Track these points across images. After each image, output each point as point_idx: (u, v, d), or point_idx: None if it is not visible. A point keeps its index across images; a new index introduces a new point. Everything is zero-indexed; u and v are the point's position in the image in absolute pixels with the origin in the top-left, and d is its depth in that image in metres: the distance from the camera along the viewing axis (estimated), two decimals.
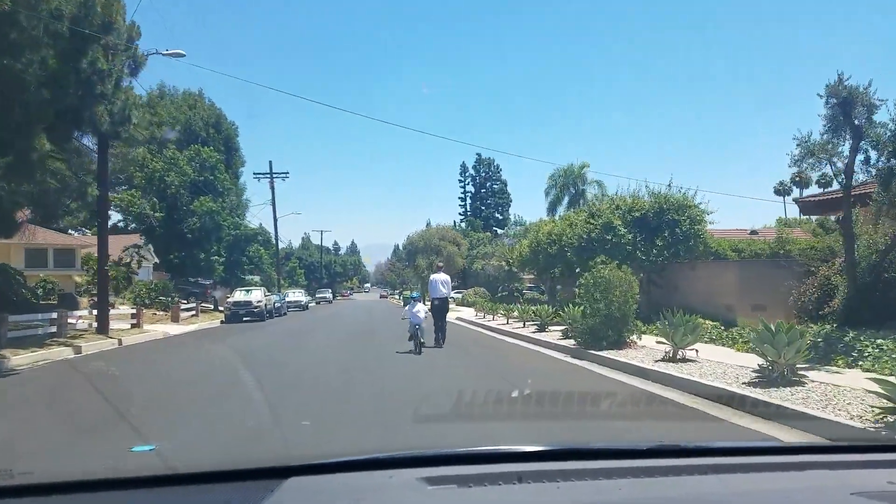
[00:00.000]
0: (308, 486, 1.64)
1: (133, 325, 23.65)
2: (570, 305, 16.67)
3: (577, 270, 22.86)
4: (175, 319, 28.25)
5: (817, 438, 5.64)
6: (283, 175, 53.59)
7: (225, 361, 14.12)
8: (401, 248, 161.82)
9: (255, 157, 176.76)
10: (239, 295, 32.42)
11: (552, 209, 48.46)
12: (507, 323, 24.18)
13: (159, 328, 24.68)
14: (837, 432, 5.79)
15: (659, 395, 8.50)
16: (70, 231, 48.23)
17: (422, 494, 1.57)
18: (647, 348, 12.95)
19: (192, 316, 31.33)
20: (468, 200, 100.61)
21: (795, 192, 71.53)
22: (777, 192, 77.29)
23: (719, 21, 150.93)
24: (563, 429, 6.35)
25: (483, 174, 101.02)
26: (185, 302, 39.64)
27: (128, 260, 35.84)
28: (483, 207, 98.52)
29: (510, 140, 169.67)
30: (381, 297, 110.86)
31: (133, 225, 38.10)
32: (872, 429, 5.85)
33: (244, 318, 30.93)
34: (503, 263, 40.05)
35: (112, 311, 25.58)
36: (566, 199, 48.47)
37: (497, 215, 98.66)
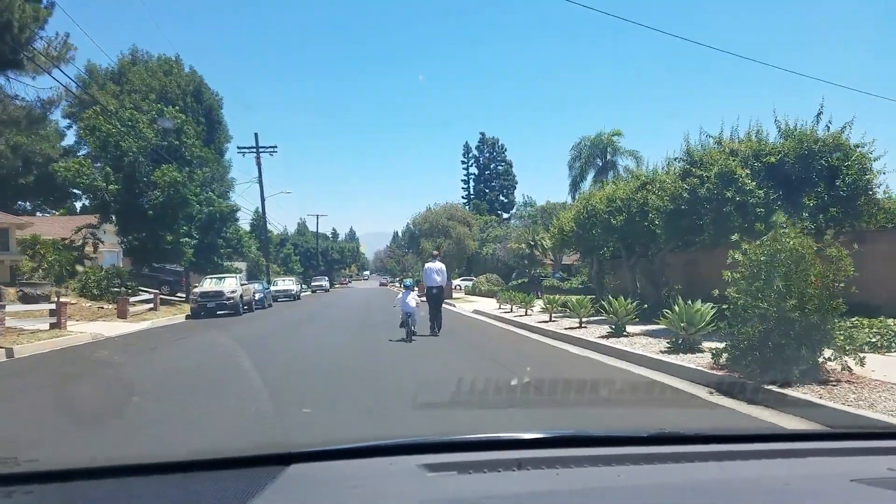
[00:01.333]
0: (309, 473, 1.63)
1: (53, 325, 17.36)
2: (678, 300, 10.38)
3: (664, 246, 16.56)
4: (122, 315, 21.96)
5: (816, 425, 5.49)
6: (271, 149, 47.21)
7: (113, 399, 7.85)
8: (401, 234, 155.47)
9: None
10: (208, 284, 26.15)
11: (575, 185, 42.22)
12: (551, 320, 17.90)
13: (93, 328, 18.45)
14: None
15: None
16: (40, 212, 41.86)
17: (422, 481, 1.55)
18: (874, 382, 6.92)
19: (150, 310, 25.03)
20: (471, 183, 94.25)
21: None
22: None
23: None
24: None
25: (487, 154, 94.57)
26: (154, 292, 33.37)
27: (80, 242, 29.53)
28: (487, 190, 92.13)
29: (517, 122, 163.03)
30: (381, 284, 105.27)
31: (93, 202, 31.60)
32: None
33: (218, 312, 24.73)
34: (522, 246, 33.77)
35: (38, 307, 19.45)
36: (591, 174, 42.12)
37: (502, 198, 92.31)
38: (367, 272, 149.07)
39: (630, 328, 13.19)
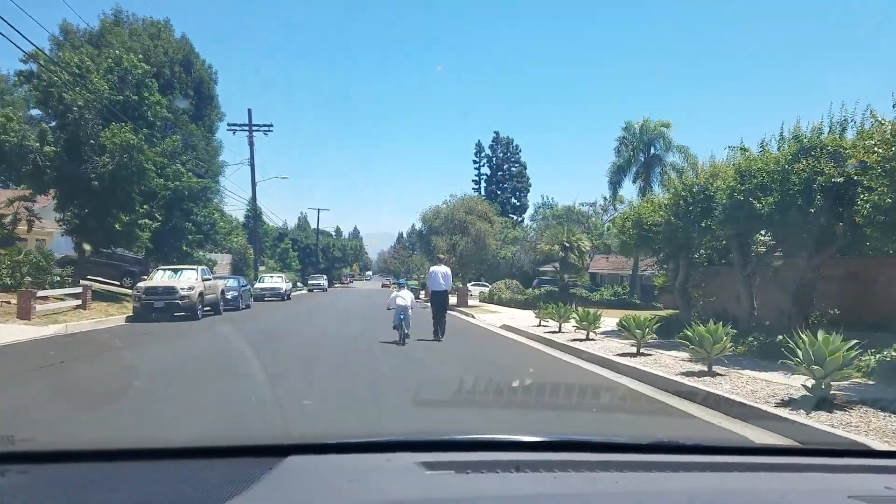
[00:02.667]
0: (306, 465, 1.61)
1: None
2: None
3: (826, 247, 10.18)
4: (24, 315, 15.60)
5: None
6: (265, 128, 40.94)
7: None
8: (405, 235, 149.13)
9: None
10: (159, 277, 19.81)
11: (616, 183, 35.77)
12: (639, 352, 11.47)
13: None
14: None
15: None
16: None
17: (419, 478, 1.53)
18: None
19: (77, 307, 18.63)
20: (482, 183, 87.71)
21: None
22: None
23: None
24: None
25: (500, 154, 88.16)
26: (110, 283, 27.02)
27: (9, 219, 23.17)
28: (499, 192, 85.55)
29: (532, 124, 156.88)
30: (384, 286, 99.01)
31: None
32: None
33: (174, 314, 18.46)
34: (555, 248, 27.33)
35: None
36: (633, 170, 35.65)
37: (514, 201, 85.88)
38: (369, 272, 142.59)
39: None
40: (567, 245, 27.58)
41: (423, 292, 20.84)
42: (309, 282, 63.43)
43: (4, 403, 6.78)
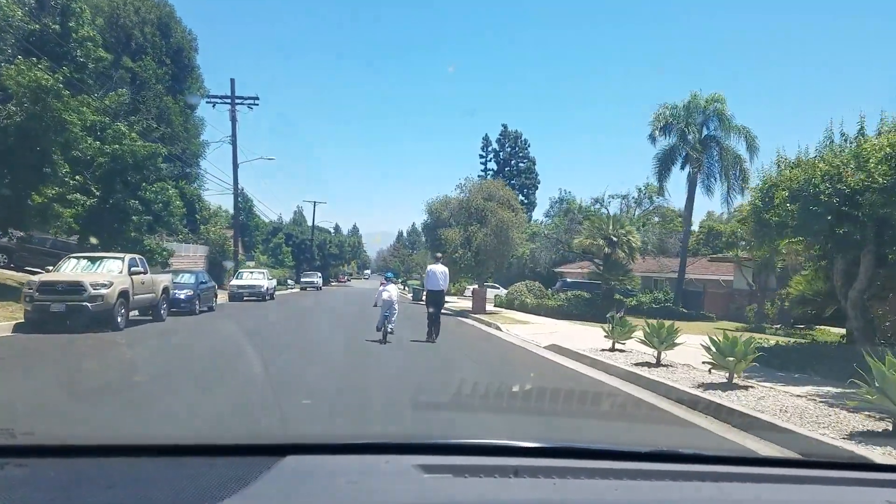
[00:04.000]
0: (305, 465, 1.58)
1: None
2: None
3: None
4: None
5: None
6: (250, 101, 34.83)
7: None
8: (405, 233, 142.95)
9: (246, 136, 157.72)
10: (68, 268, 13.78)
11: (663, 171, 29.75)
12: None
13: None
14: None
15: None
16: None
17: (416, 481, 1.50)
18: None
19: None
20: (489, 179, 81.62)
21: None
22: None
23: None
24: None
25: (508, 149, 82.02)
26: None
27: None
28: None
29: (541, 120, 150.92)
30: (382, 284, 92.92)
31: None
32: None
33: (83, 321, 12.46)
34: (600, 242, 21.31)
35: None
36: (681, 156, 29.60)
37: (522, 198, 79.56)
38: (368, 270, 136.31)
39: None
40: (614, 239, 21.55)
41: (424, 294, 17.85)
42: (301, 279, 57.28)
43: None
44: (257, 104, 34.65)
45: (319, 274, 60.26)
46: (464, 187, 26.25)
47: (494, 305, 30.02)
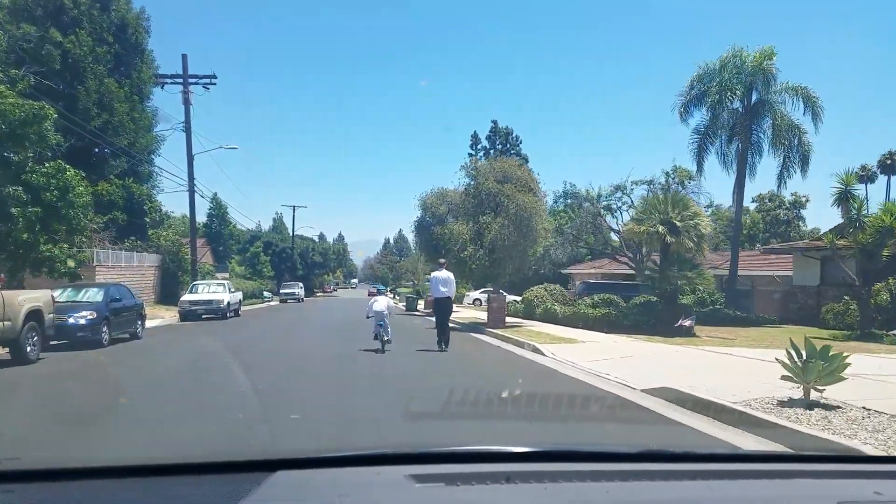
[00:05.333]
0: (295, 480, 1.51)
1: None
2: None
3: None
4: None
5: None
6: (206, 80, 28.85)
7: None
8: (392, 240, 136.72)
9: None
10: None
11: (702, 149, 24.37)
12: None
13: None
14: None
15: None
16: None
17: (409, 492, 1.45)
18: None
19: None
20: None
21: None
22: None
23: None
24: None
25: (499, 146, 76.18)
26: None
27: None
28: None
29: (532, 117, 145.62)
30: (370, 294, 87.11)
31: None
32: None
33: None
34: (659, 229, 15.73)
35: None
36: (726, 128, 24.10)
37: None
38: (355, 280, 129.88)
39: None
40: (677, 224, 15.89)
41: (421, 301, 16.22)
42: (281, 290, 51.11)
43: None
44: (214, 83, 28.75)
45: (301, 284, 54.05)
46: (470, 170, 20.46)
47: (521, 316, 24.41)
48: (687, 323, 16.26)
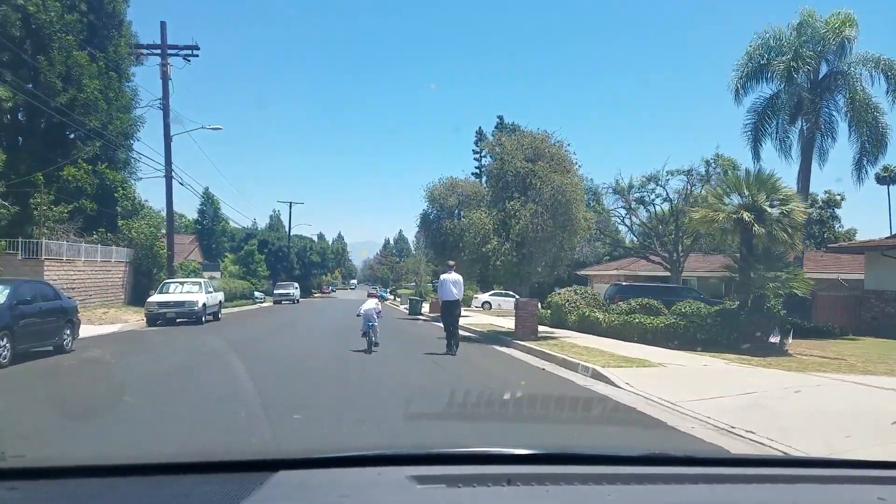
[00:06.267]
0: (297, 480, 1.50)
1: None
2: None
3: None
4: None
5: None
6: (187, 51, 25.05)
7: None
8: (392, 240, 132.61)
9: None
10: None
11: (759, 131, 20.78)
12: None
13: None
14: None
15: None
16: None
17: (410, 493, 1.44)
18: None
19: None
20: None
21: None
22: None
23: None
24: None
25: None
26: None
27: None
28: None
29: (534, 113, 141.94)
30: (370, 295, 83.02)
31: None
32: None
33: None
34: (745, 216, 11.89)
35: None
36: (787, 108, 20.42)
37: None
38: (354, 280, 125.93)
39: None
40: (769, 210, 12.16)
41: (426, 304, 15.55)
42: (275, 291, 47.33)
43: None
44: (196, 55, 24.96)
45: (296, 285, 50.22)
46: (494, 146, 16.65)
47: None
48: (776, 340, 12.51)
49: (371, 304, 12.26)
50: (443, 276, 13.06)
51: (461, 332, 19.06)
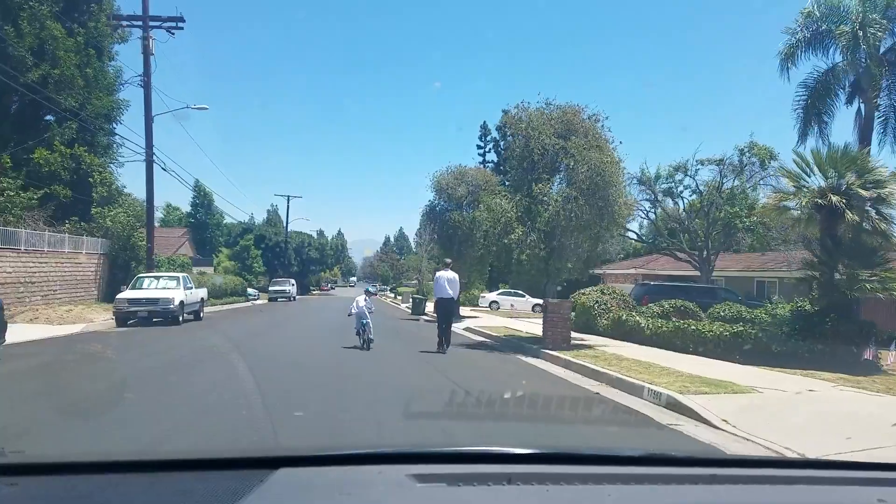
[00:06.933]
0: (297, 478, 1.48)
1: None
2: None
3: None
4: None
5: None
6: (172, 24, 22.44)
7: None
8: (392, 238, 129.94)
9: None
10: None
11: (811, 111, 18.31)
12: None
13: None
14: None
15: None
16: None
17: (410, 491, 1.41)
18: None
19: None
20: (488, 168, 69.38)
21: None
22: None
23: None
24: None
25: (510, 138, 70.03)
26: None
27: None
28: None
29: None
30: (368, 294, 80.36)
31: None
32: None
33: None
34: (826, 201, 9.29)
35: None
36: (847, 82, 17.91)
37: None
38: (353, 277, 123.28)
39: None
40: (863, 194, 9.66)
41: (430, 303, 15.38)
42: (270, 288, 44.77)
43: None
44: (181, 27, 22.35)
45: (293, 281, 47.60)
46: (516, 120, 14.06)
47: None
48: (872, 353, 10.00)
49: (362, 302, 12.14)
50: (438, 274, 12.85)
51: (474, 337, 16.57)
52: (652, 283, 21.80)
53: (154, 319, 16.98)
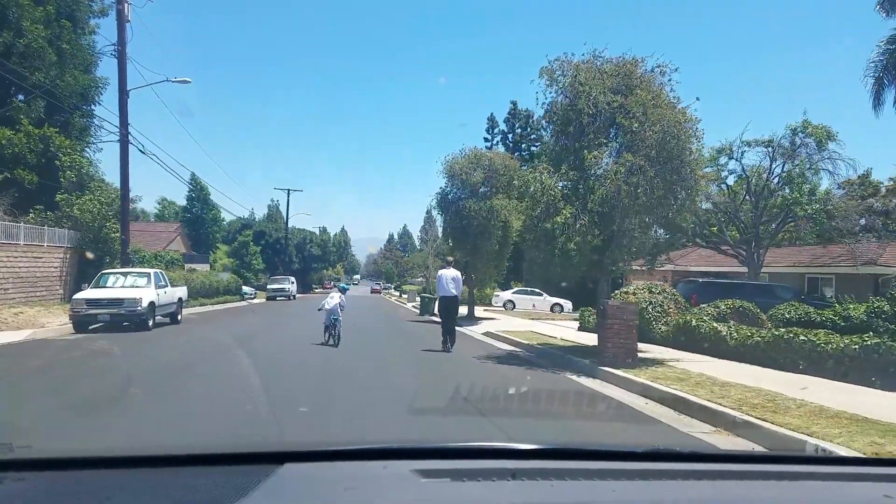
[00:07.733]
0: (302, 473, 1.48)
1: None
2: None
3: None
4: None
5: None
6: None
7: None
8: (396, 236, 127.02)
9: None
10: None
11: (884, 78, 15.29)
12: None
13: None
14: None
15: None
16: None
17: (415, 486, 1.40)
18: None
19: None
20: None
21: None
22: None
23: None
24: None
25: (519, 130, 67.21)
26: None
27: None
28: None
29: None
30: (373, 291, 77.75)
31: None
32: None
33: None
34: None
35: None
36: None
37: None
38: (357, 276, 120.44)
39: None
40: None
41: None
42: (269, 286, 41.92)
43: None
44: None
45: (293, 279, 44.70)
46: (558, 75, 11.01)
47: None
48: None
49: (335, 300, 12.23)
50: (441, 272, 12.78)
51: (499, 345, 13.85)
52: (700, 279, 18.87)
53: (124, 323, 14.15)
